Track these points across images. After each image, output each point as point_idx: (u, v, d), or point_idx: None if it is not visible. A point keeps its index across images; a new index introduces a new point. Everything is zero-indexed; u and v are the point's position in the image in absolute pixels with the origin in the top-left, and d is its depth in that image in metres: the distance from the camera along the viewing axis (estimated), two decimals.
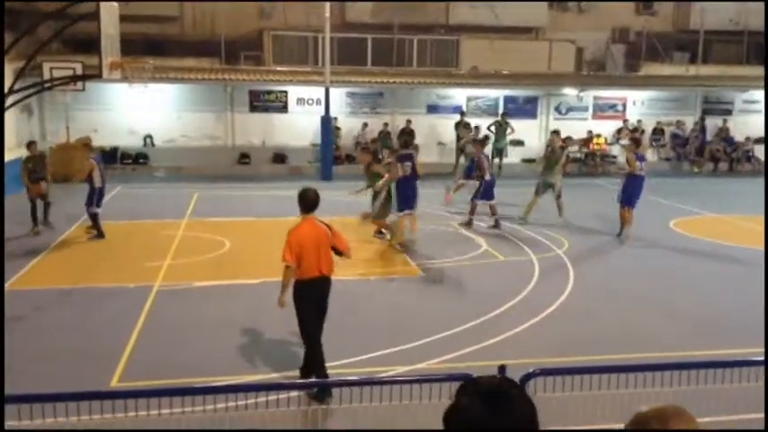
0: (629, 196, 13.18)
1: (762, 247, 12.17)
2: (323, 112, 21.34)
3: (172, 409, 4.41)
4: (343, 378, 6.17)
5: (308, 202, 6.58)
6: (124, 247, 12.40)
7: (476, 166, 14.81)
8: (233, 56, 23.39)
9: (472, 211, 14.40)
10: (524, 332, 8.29)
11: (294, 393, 6.04)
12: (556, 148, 15.16)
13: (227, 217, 15.01)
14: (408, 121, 23.65)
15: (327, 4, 20.34)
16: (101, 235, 12.92)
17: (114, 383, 6.71)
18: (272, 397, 5.68)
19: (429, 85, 23.33)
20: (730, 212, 16.32)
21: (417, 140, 23.64)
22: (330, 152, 21.57)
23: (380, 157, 23.13)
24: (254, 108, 23.21)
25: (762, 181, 17.25)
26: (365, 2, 24.36)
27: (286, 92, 23.15)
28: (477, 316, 8.73)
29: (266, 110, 23.26)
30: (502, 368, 3.69)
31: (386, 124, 23.59)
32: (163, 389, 6.24)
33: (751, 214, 15.63)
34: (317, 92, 22.08)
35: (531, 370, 3.94)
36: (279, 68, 22.87)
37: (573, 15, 26.32)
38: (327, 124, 21.39)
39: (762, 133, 24.91)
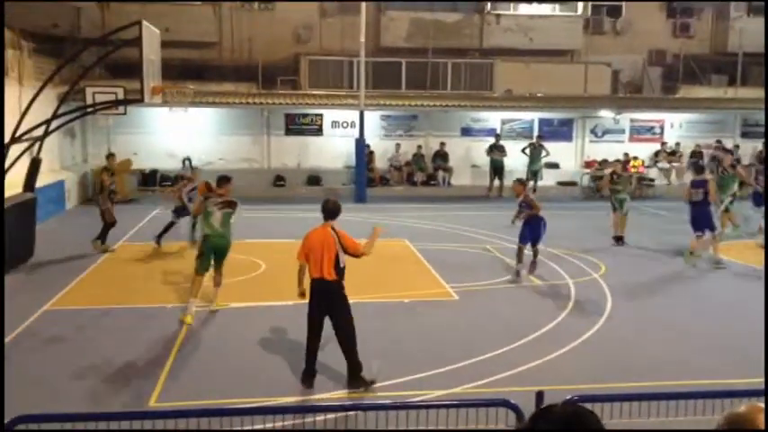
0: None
1: None
2: (357, 135, 21.52)
3: (210, 428, 4.45)
4: (377, 402, 6.16)
5: (326, 209, 7.41)
6: (163, 268, 12.60)
7: (526, 206, 12.19)
8: (270, 80, 23.77)
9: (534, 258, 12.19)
10: (560, 358, 8.18)
11: (331, 416, 6.05)
12: (619, 171, 15.92)
13: (263, 239, 15.15)
14: (442, 144, 23.73)
15: (363, 29, 20.61)
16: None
17: (153, 403, 6.79)
18: (309, 419, 5.69)
19: (463, 108, 23.38)
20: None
21: (452, 163, 23.75)
22: (364, 174, 21.70)
23: (415, 179, 23.33)
24: (289, 131, 23.51)
25: None
26: (400, 27, 24.60)
27: (321, 115, 23.41)
28: (513, 340, 8.65)
29: (301, 133, 23.55)
30: (540, 394, 3.66)
31: (420, 146, 23.69)
32: (200, 409, 6.32)
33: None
34: (352, 115, 22.29)
35: (568, 397, 3.90)
36: (314, 92, 23.17)
37: (608, 38, 26.22)
38: (361, 147, 21.55)
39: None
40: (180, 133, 22.51)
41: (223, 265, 9.91)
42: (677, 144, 24.54)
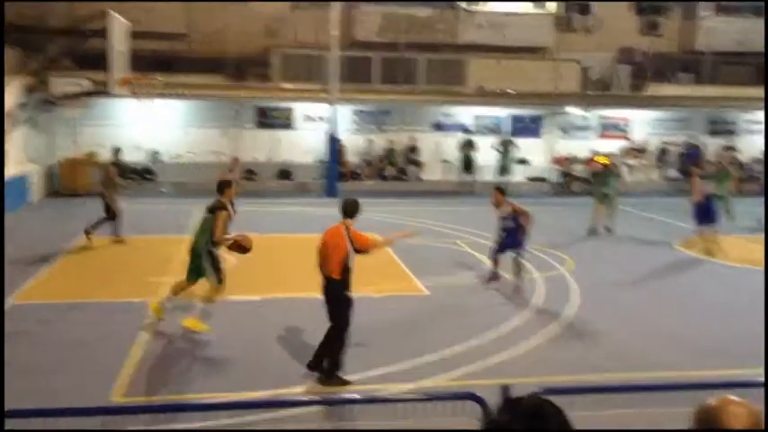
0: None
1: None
2: (329, 129, 21.44)
3: (172, 425, 4.40)
4: (346, 396, 6.15)
5: (342, 208, 7.43)
6: (129, 262, 12.43)
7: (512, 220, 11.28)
8: (240, 73, 23.54)
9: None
10: (529, 351, 8.25)
11: (299, 410, 6.02)
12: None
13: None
14: (413, 139, 23.75)
15: (335, 23, 20.51)
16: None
17: (116, 398, 6.70)
18: (276, 414, 5.66)
19: (435, 103, 23.42)
20: (736, 232, 16.25)
21: (422, 158, 23.79)
22: (335, 169, 21.64)
23: (386, 174, 23.32)
24: (260, 124, 23.34)
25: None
26: (373, 21, 24.53)
27: (293, 109, 23.28)
28: (482, 334, 8.71)
29: (273, 126, 23.39)
30: (505, 387, 3.67)
31: (391, 141, 23.69)
32: (164, 405, 6.25)
33: (757, 234, 15.58)
34: (324, 109, 22.20)
35: (534, 389, 3.92)
36: (286, 86, 23.01)
37: (579, 36, 26.41)
38: (333, 141, 21.48)
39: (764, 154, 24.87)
40: (148, 126, 22.20)
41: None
42: (644, 141, 24.87)
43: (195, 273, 8.81)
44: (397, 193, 21.94)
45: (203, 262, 8.72)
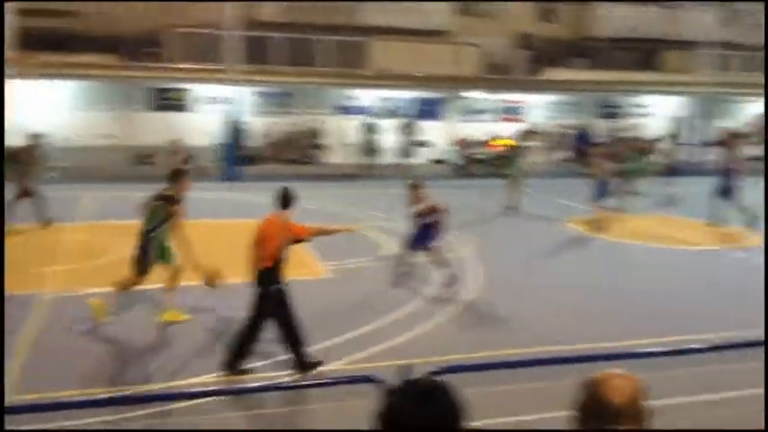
0: None
1: (655, 244, 12.79)
2: (229, 112, 20.90)
3: (71, 421, 4.13)
4: (244, 386, 5.98)
5: (277, 198, 7.05)
6: (11, 252, 11.64)
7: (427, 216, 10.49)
8: (133, 52, 22.53)
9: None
10: (430, 332, 8.33)
11: (195, 402, 5.80)
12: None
13: (125, 220, 14.39)
14: (316, 122, 23.54)
15: (234, 2, 19.93)
16: None
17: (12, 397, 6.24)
18: (170, 406, 5.43)
19: (338, 85, 23.27)
20: (623, 210, 17.05)
21: (326, 141, 23.62)
22: (235, 152, 21.13)
23: (289, 157, 23.01)
24: (156, 107, 22.44)
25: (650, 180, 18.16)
26: (271, 1, 24.02)
27: (189, 90, 22.50)
28: (385, 315, 8.72)
29: (169, 108, 22.54)
30: (404, 369, 3.64)
31: (293, 124, 23.38)
32: (59, 402, 5.88)
33: (643, 212, 16.44)
34: (223, 91, 21.60)
35: (433, 369, 3.92)
36: (182, 66, 22.21)
37: (478, 20, 26.90)
38: (233, 124, 20.96)
39: (655, 135, 26.23)
40: (34, 108, 20.89)
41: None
42: (540, 124, 25.70)
43: (142, 264, 8.22)
44: (301, 177, 21.65)
45: (152, 250, 8.26)
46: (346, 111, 24.27)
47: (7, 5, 14.60)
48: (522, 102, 25.96)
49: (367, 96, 24.30)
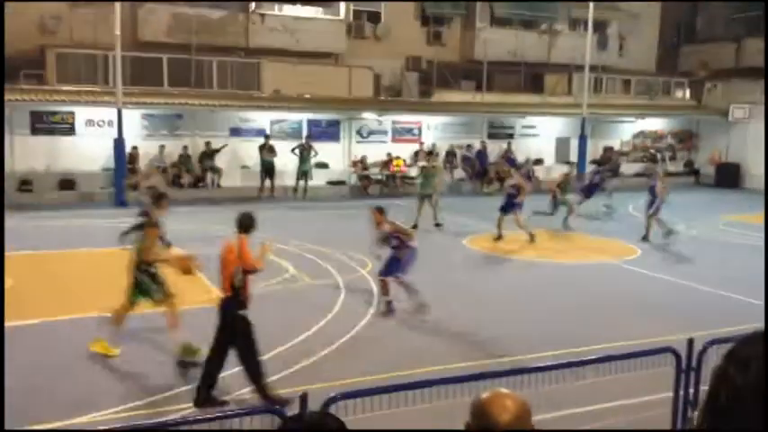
0: None
1: (548, 259, 13.36)
2: (116, 135, 20.14)
3: None
4: (133, 425, 5.75)
5: (237, 222, 7.07)
6: None
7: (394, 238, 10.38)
8: (12, 74, 21.32)
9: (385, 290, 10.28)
10: (330, 355, 8.33)
11: None
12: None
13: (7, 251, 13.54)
14: (208, 144, 23.07)
15: (117, 21, 19.30)
16: None
17: None
18: None
19: (230, 107, 22.96)
20: (515, 228, 17.71)
21: (220, 163, 23.19)
22: (124, 177, 20.37)
23: (182, 181, 22.40)
24: (36, 130, 21.29)
25: (537, 198, 18.95)
26: (160, 21, 23.46)
27: (73, 113, 21.53)
28: (284, 341, 8.64)
29: (51, 132, 21.46)
30: (304, 396, 3.64)
31: (185, 147, 22.82)
32: None
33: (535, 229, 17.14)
34: (109, 113, 20.81)
35: (332, 395, 3.94)
36: (64, 88, 21.24)
37: (369, 43, 27.35)
38: (120, 148, 20.22)
39: (539, 155, 27.45)
40: None
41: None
42: (433, 144, 26.31)
43: (134, 294, 8.08)
44: (195, 201, 21.17)
45: (142, 280, 8.10)
46: (242, 133, 23.95)
47: None
48: (417, 123, 26.54)
49: (262, 118, 24.10)
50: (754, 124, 28.24)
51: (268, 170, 23.00)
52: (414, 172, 25.69)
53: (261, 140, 23.22)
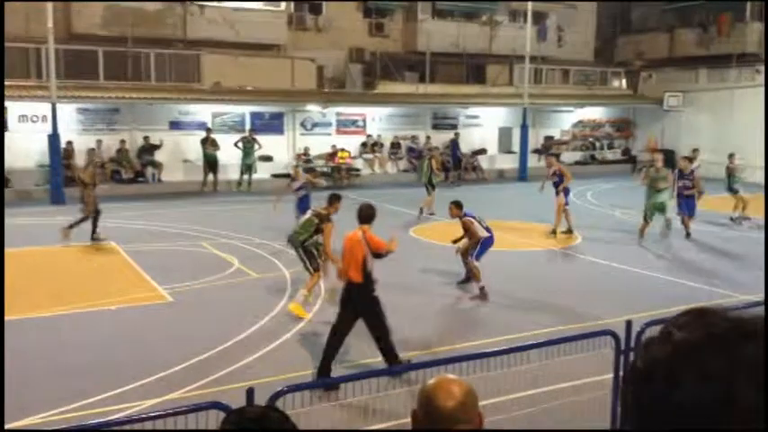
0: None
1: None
2: (50, 131, 19.49)
3: None
4: (79, 425, 5.60)
5: (358, 214, 7.60)
6: None
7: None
8: None
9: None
10: (278, 349, 8.27)
11: None
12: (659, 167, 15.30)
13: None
14: (146, 138, 22.57)
15: (50, 13, 18.63)
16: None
17: None
18: None
19: (169, 100, 22.48)
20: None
21: (161, 158, 22.70)
22: (60, 173, 19.74)
23: (121, 177, 21.87)
24: None
25: (484, 188, 19.19)
26: (94, 12, 22.76)
27: (5, 108, 20.73)
28: (231, 337, 8.53)
29: None
30: (250, 391, 3.60)
31: (123, 141, 22.27)
32: None
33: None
34: (43, 108, 20.12)
35: (278, 388, 3.91)
36: None
37: (312, 34, 27.14)
38: (56, 143, 19.58)
39: (483, 145, 27.79)
40: None
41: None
42: (378, 136, 26.35)
43: (313, 263, 9.89)
44: (135, 197, 20.68)
45: (302, 255, 9.91)
46: (182, 126, 23.49)
47: None
48: (361, 115, 26.50)
49: (203, 111, 23.68)
50: (688, 112, 29.23)
51: (211, 164, 22.64)
52: (359, 164, 25.71)
53: (202, 134, 22.83)
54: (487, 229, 10.82)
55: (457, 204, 10.89)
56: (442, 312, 9.98)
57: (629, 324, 5.43)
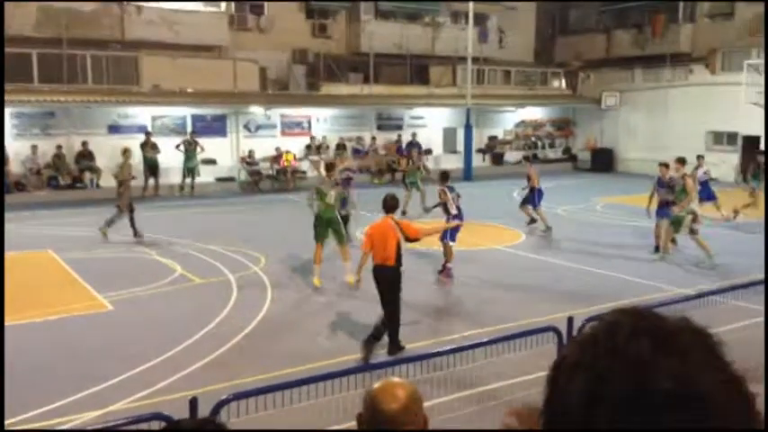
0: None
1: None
2: None
3: None
4: None
5: (385, 205, 8.51)
6: None
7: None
8: None
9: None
10: (224, 355, 8.13)
11: None
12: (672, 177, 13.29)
13: None
14: (84, 143, 21.95)
15: None
16: None
17: None
18: None
19: (107, 103, 21.90)
20: (407, 219, 17.94)
21: (99, 163, 22.09)
22: None
23: (58, 183, 21.19)
24: None
25: (431, 188, 19.29)
26: (26, 13, 21.99)
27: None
28: (175, 345, 8.34)
29: None
30: (193, 401, 3.52)
31: (59, 146, 21.60)
32: None
33: (427, 219, 17.48)
34: None
35: (223, 397, 3.84)
36: None
37: (254, 35, 26.83)
38: None
39: (428, 145, 27.98)
40: None
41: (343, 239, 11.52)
42: (324, 138, 26.24)
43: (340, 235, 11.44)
44: (74, 203, 20.07)
45: (340, 227, 11.48)
46: (121, 130, 22.90)
47: None
48: (306, 116, 26.33)
49: (142, 114, 23.15)
50: (625, 111, 30.06)
51: (151, 168, 22.16)
52: (305, 166, 25.54)
53: (142, 137, 22.32)
54: (458, 209, 11.95)
55: (444, 175, 12.44)
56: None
57: (570, 320, 5.53)
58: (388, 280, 8.12)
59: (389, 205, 8.48)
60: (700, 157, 18.13)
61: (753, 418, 0.78)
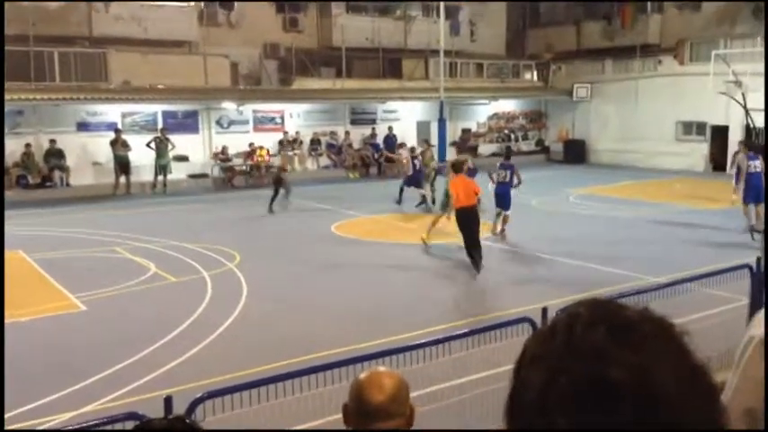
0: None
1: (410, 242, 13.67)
2: None
3: None
4: None
5: (456, 166, 11.98)
6: None
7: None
8: None
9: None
10: (199, 353, 8.07)
11: None
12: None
13: None
14: (53, 141, 21.59)
15: None
16: None
17: None
18: None
19: (76, 101, 21.55)
20: (382, 213, 17.99)
21: (69, 161, 21.76)
22: None
23: (27, 182, 20.83)
24: None
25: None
26: None
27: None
28: (150, 344, 8.27)
29: None
30: (168, 400, 3.49)
31: (28, 145, 21.24)
32: None
33: (401, 213, 17.51)
34: None
35: (198, 395, 3.81)
36: None
37: (224, 30, 26.57)
38: None
39: (402, 139, 27.95)
40: None
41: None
42: (297, 133, 26.11)
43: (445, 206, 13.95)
44: (43, 202, 19.77)
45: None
46: (90, 127, 22.57)
47: None
48: (279, 111, 26.17)
49: (111, 111, 22.84)
50: (596, 102, 30.35)
51: (122, 166, 21.90)
52: (277, 161, 25.39)
53: (112, 135, 22.03)
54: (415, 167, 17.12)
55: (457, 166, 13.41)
56: (366, 309, 9.99)
57: (544, 311, 5.57)
58: (473, 215, 11.23)
59: (458, 166, 11.86)
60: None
61: (713, 410, 0.77)
